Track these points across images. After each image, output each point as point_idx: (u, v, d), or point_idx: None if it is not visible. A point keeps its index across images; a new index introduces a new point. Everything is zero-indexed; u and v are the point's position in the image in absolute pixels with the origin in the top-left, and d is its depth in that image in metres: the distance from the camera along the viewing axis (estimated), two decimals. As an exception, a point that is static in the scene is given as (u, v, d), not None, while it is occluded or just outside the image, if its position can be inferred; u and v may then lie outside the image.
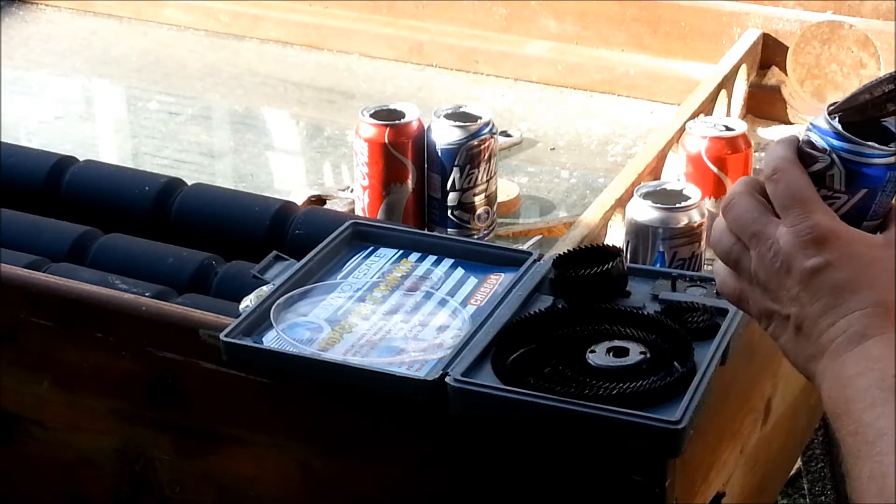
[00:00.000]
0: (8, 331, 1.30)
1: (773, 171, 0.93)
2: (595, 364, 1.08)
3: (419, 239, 1.32)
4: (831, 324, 0.89)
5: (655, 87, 1.94)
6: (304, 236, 1.42)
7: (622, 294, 1.19)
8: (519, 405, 1.05)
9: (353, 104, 1.95)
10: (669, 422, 1.01)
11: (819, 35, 1.87)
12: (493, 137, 1.54)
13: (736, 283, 0.95)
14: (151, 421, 1.26)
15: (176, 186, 1.53)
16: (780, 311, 0.92)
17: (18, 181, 1.56)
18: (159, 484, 1.28)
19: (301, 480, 1.22)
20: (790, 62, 1.88)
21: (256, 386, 1.18)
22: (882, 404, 0.84)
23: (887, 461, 0.81)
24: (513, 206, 1.66)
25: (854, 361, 0.87)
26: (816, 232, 0.90)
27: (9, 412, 1.33)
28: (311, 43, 2.14)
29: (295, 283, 1.23)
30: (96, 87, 2.10)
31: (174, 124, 1.93)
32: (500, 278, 1.25)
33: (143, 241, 1.45)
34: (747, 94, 1.90)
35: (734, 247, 0.94)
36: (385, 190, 1.54)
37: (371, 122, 1.53)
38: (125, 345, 1.24)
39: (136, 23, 2.24)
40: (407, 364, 1.12)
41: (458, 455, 1.14)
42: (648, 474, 1.06)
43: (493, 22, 2.08)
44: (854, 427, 0.85)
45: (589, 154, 1.83)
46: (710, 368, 1.08)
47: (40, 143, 1.79)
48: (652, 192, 1.39)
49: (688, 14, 1.98)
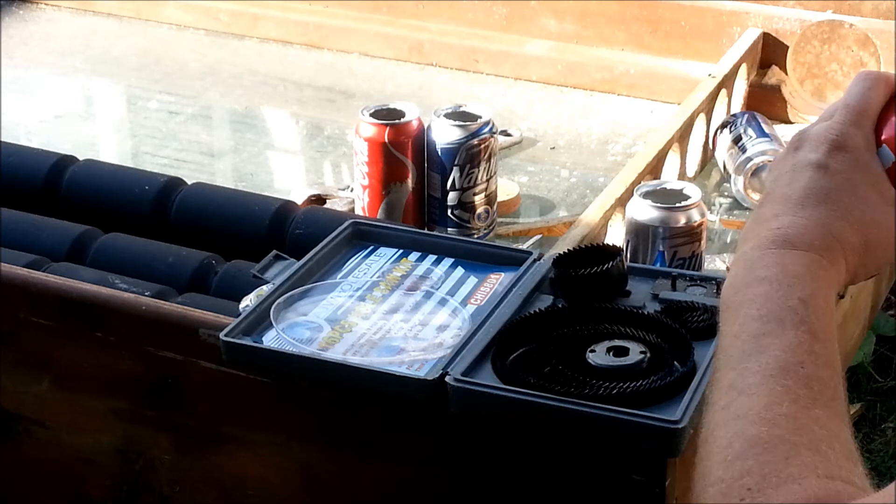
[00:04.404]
0: (8, 330, 1.30)
1: (869, 76, 0.92)
2: (595, 364, 1.08)
3: (419, 238, 1.32)
4: (780, 214, 0.87)
5: (655, 87, 1.94)
6: (304, 236, 1.42)
7: (622, 293, 1.19)
8: (519, 405, 1.05)
9: (352, 103, 1.95)
10: (669, 421, 1.01)
11: (819, 34, 1.87)
12: (493, 137, 1.54)
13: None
14: (151, 421, 1.26)
15: (176, 186, 1.53)
16: (766, 178, 0.92)
17: (18, 181, 1.56)
18: (159, 484, 1.28)
19: (301, 480, 1.22)
20: (790, 61, 1.88)
21: (256, 385, 1.19)
22: (776, 323, 0.81)
23: (751, 380, 0.78)
24: (513, 205, 1.66)
25: (770, 262, 0.84)
26: (843, 139, 0.89)
27: (9, 412, 1.33)
28: (311, 42, 2.14)
29: (295, 282, 1.23)
30: (96, 86, 2.10)
31: (174, 124, 1.93)
32: (500, 278, 1.25)
33: (142, 241, 1.45)
34: (747, 93, 1.90)
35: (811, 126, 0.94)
36: (385, 189, 1.54)
37: (371, 121, 1.53)
38: (125, 344, 1.24)
39: (136, 22, 2.24)
40: (407, 363, 1.12)
41: (458, 455, 1.14)
42: (648, 474, 1.06)
43: (493, 21, 2.08)
44: (738, 330, 0.82)
45: (589, 153, 1.83)
46: (710, 368, 1.08)
47: (40, 143, 1.79)
48: (652, 191, 1.39)
49: (688, 13, 1.98)
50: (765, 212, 0.89)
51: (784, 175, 0.90)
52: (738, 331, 0.82)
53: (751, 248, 0.86)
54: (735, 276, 0.86)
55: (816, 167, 0.88)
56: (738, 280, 0.86)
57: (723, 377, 0.81)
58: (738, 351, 0.81)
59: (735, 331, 0.82)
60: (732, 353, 0.81)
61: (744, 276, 0.85)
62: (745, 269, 0.86)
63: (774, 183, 0.90)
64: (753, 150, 1.65)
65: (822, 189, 0.87)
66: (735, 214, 1.66)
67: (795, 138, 0.91)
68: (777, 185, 0.90)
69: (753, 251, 0.86)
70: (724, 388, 0.80)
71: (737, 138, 1.69)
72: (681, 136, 1.66)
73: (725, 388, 0.80)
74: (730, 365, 0.81)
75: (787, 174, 0.89)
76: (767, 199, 0.90)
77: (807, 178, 0.88)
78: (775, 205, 0.88)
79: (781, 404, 0.76)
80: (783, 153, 0.92)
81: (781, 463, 0.73)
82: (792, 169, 0.89)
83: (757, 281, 0.84)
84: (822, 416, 0.76)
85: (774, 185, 0.90)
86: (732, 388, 0.79)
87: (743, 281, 0.85)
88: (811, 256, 0.84)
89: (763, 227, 0.87)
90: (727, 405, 0.78)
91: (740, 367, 0.80)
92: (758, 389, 0.78)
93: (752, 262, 0.85)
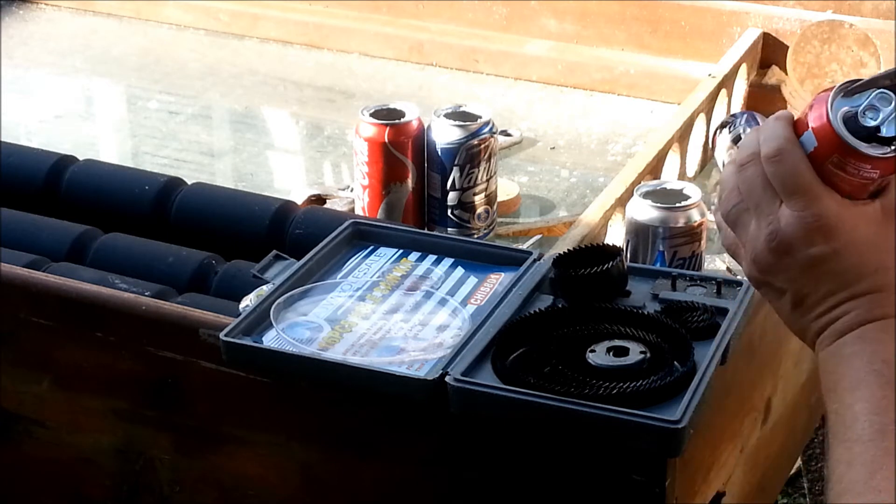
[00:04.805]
0: (8, 330, 1.30)
1: (776, 153, 0.91)
2: (595, 364, 1.08)
3: (419, 238, 1.32)
4: (834, 306, 0.90)
5: (655, 87, 1.94)
6: (304, 236, 1.42)
7: (622, 293, 1.19)
8: (519, 405, 1.05)
9: (353, 103, 1.95)
10: (669, 421, 1.01)
11: (819, 34, 1.86)
12: (492, 137, 1.54)
13: (733, 239, 0.95)
14: (151, 421, 1.26)
15: (176, 186, 1.53)
16: (772, 283, 0.92)
17: (18, 181, 1.55)
18: (159, 484, 1.28)
19: (301, 480, 1.22)
20: (790, 61, 1.88)
21: (256, 385, 1.18)
22: (865, 387, 0.85)
23: (857, 449, 0.82)
24: (513, 205, 1.66)
25: (851, 342, 0.88)
26: (823, 221, 0.89)
27: (9, 412, 1.33)
28: (311, 42, 2.14)
29: (295, 282, 1.23)
30: (96, 86, 2.10)
31: (174, 123, 1.93)
32: (500, 278, 1.25)
33: (142, 241, 1.45)
34: (747, 93, 1.90)
35: (738, 205, 0.93)
36: (385, 189, 1.54)
37: (371, 121, 1.53)
38: (125, 344, 1.24)
39: (135, 22, 2.24)
40: (407, 363, 1.12)
41: (458, 454, 1.14)
42: (648, 474, 1.06)
43: (493, 21, 2.08)
44: (837, 406, 0.86)
45: (589, 153, 1.83)
46: (710, 368, 1.08)
47: (40, 143, 1.79)
48: (652, 191, 1.39)
49: (688, 13, 1.98)
50: (813, 310, 0.91)
51: (798, 278, 0.91)
52: (837, 408, 0.88)
53: (827, 344, 0.90)
54: (825, 372, 0.90)
55: (828, 258, 0.90)
56: (827, 374, 0.90)
57: (833, 453, 0.86)
58: (840, 426, 0.86)
59: (835, 408, 0.88)
60: (837, 430, 0.86)
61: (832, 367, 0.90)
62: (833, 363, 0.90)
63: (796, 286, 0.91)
64: (753, 150, 1.65)
65: (848, 267, 0.90)
66: (735, 214, 1.65)
67: (774, 244, 0.91)
68: (800, 287, 0.91)
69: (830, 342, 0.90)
70: (835, 464, 0.85)
71: (736, 138, 1.69)
72: (681, 136, 1.66)
73: (835, 464, 0.85)
74: (837, 440, 0.86)
75: (803, 277, 0.91)
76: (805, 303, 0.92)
77: (828, 270, 0.90)
78: (820, 303, 0.91)
79: (882, 468, 0.82)
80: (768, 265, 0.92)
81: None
82: (804, 272, 0.91)
83: (844, 361, 0.89)
84: None
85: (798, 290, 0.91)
86: (840, 462, 0.85)
87: (832, 368, 0.90)
88: (881, 322, 0.88)
89: (825, 322, 0.91)
90: (839, 479, 0.84)
91: (843, 439, 0.85)
92: (861, 458, 0.83)
93: (835, 351, 0.90)
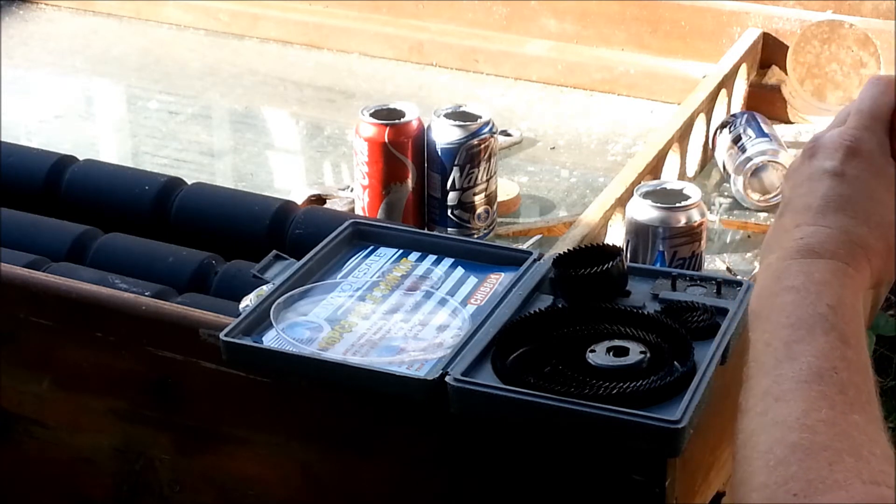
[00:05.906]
0: (8, 330, 1.30)
1: (881, 81, 0.92)
2: (595, 364, 1.08)
3: (419, 238, 1.32)
4: (802, 224, 0.87)
5: (655, 87, 1.94)
6: (304, 236, 1.42)
7: (622, 293, 1.19)
8: (519, 405, 1.05)
9: (352, 103, 1.95)
10: (669, 421, 1.01)
11: (819, 34, 1.87)
12: (492, 137, 1.54)
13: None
14: (151, 421, 1.26)
15: (176, 186, 1.53)
16: (783, 187, 0.92)
17: (18, 181, 1.56)
18: (159, 484, 1.28)
19: (301, 480, 1.22)
20: (790, 61, 1.88)
21: (256, 385, 1.18)
22: (806, 329, 0.81)
23: (788, 386, 0.79)
24: (513, 205, 1.66)
25: (796, 272, 0.85)
26: (857, 143, 0.89)
27: (9, 412, 1.33)
28: (311, 42, 2.14)
29: (295, 282, 1.23)
30: (96, 86, 2.10)
31: (174, 123, 1.93)
32: (500, 278, 1.25)
33: (142, 241, 1.45)
34: (747, 93, 1.90)
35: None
36: (385, 189, 1.54)
37: (371, 121, 1.53)
38: (125, 344, 1.24)
39: (136, 22, 2.24)
40: (407, 363, 1.12)
41: (457, 455, 1.14)
42: (648, 474, 1.06)
43: (493, 21, 2.08)
44: (769, 337, 0.83)
45: (589, 153, 1.83)
46: (710, 368, 1.08)
47: (40, 143, 1.79)
48: (652, 191, 1.39)
49: (688, 13, 1.98)
50: (786, 222, 0.89)
51: (802, 184, 0.90)
52: (768, 338, 0.83)
53: (776, 258, 0.87)
54: (762, 286, 0.87)
55: (833, 175, 0.89)
56: (765, 290, 0.86)
57: (756, 384, 0.81)
58: (771, 358, 0.82)
59: (766, 339, 0.83)
60: (765, 361, 0.82)
61: (770, 286, 0.86)
62: (771, 280, 0.86)
63: (793, 192, 0.91)
64: (753, 150, 1.65)
65: (841, 196, 0.88)
66: (735, 214, 1.66)
67: (809, 145, 0.92)
68: (795, 193, 0.90)
69: (778, 262, 0.87)
70: (759, 395, 0.80)
71: (736, 138, 1.69)
72: (681, 136, 1.66)
73: (761, 395, 0.80)
74: (763, 372, 0.81)
75: (805, 183, 0.90)
76: (787, 208, 0.90)
77: (825, 186, 0.89)
78: (796, 214, 0.89)
79: (819, 410, 0.77)
80: (798, 161, 0.92)
81: (825, 469, 0.73)
82: (809, 178, 0.90)
83: (785, 290, 0.84)
84: (859, 422, 0.77)
85: (793, 193, 0.91)
86: (768, 394, 0.80)
87: (770, 291, 0.86)
88: (836, 264, 0.85)
89: (786, 238, 0.88)
90: (764, 411, 0.79)
91: (774, 373, 0.80)
92: (794, 395, 0.78)
93: (778, 273, 0.86)
